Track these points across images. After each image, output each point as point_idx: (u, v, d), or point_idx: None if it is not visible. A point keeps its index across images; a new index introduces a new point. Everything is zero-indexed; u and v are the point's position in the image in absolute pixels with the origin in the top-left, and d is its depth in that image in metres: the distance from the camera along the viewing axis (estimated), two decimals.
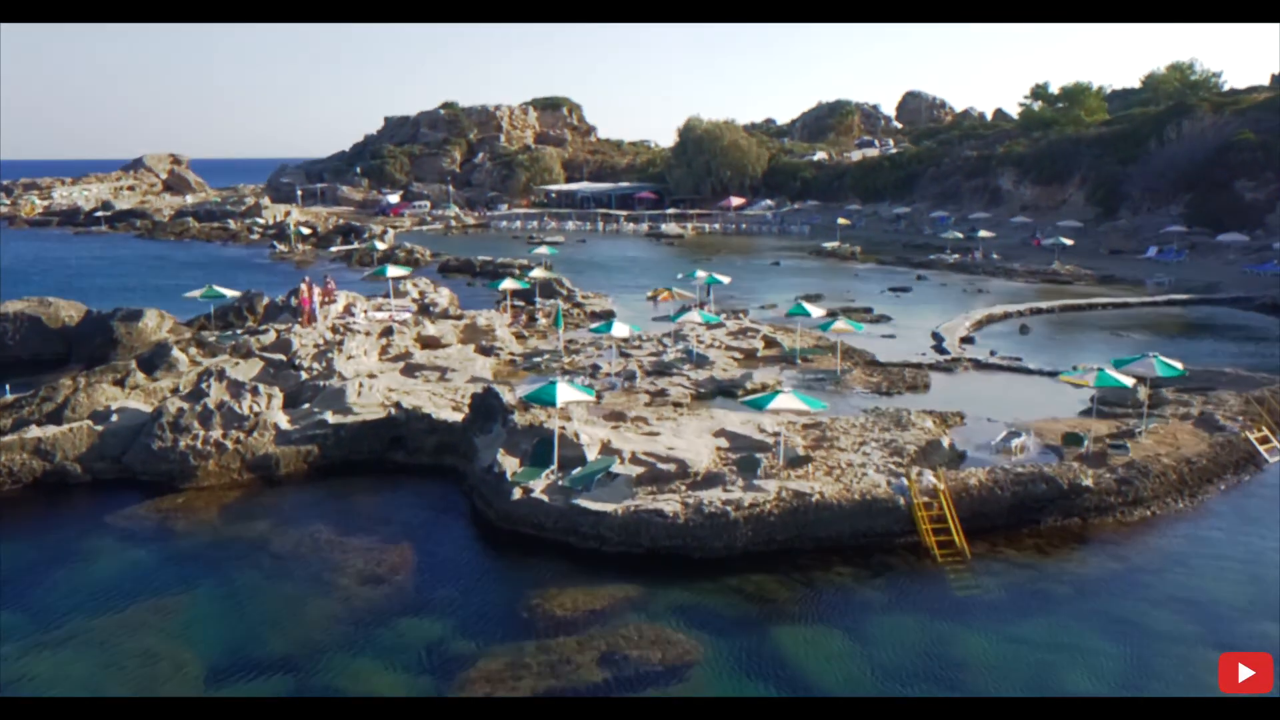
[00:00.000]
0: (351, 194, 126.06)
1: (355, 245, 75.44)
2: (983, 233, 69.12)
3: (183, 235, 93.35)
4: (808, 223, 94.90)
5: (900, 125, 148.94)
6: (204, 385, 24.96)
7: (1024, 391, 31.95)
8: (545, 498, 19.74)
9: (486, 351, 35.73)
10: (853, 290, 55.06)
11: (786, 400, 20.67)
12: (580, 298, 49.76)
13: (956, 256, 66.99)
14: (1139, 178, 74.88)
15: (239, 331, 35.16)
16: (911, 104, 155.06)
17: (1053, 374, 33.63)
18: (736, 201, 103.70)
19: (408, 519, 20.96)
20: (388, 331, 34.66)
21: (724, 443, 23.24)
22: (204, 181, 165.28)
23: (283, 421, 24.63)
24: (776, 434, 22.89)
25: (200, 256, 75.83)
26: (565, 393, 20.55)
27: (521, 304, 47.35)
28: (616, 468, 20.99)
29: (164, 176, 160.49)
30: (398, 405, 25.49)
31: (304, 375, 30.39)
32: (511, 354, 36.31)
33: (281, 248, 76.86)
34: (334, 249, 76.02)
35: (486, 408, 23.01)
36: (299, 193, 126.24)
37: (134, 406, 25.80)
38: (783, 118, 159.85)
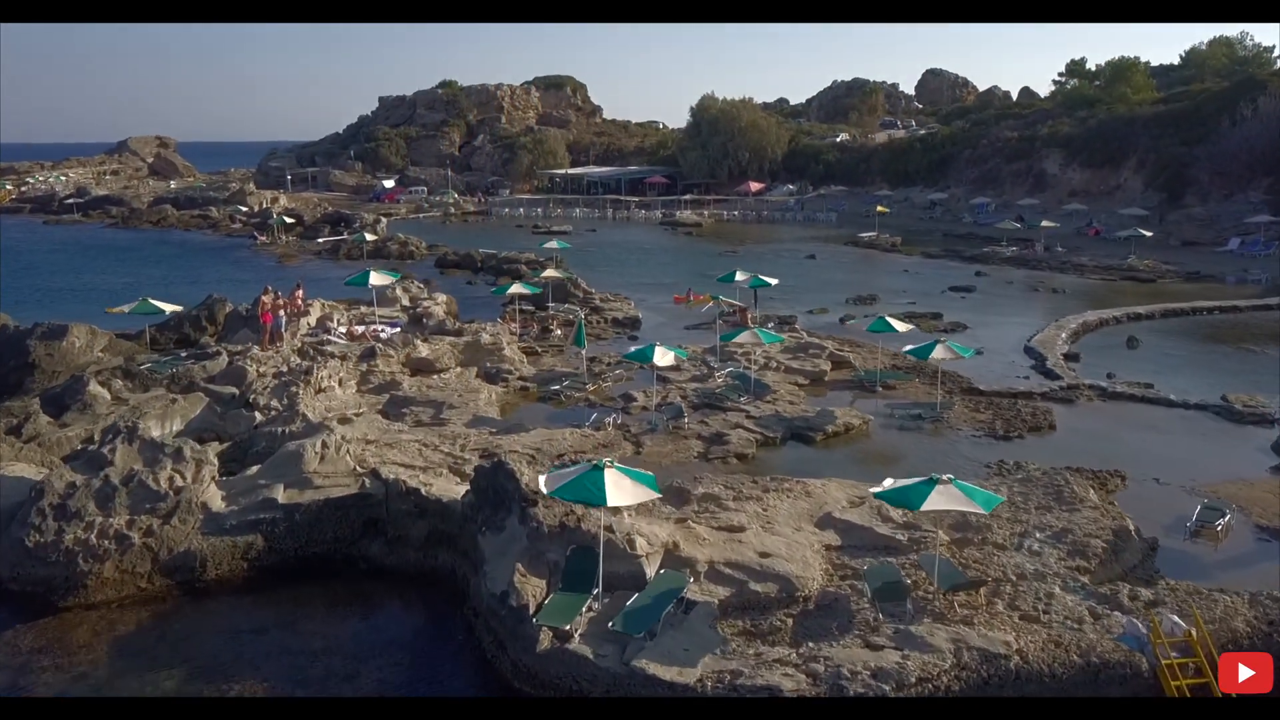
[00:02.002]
0: (344, 179, 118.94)
1: (344, 236, 68.43)
2: (1045, 222, 62.01)
3: (160, 224, 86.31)
4: (834, 209, 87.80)
5: (920, 105, 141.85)
6: (106, 449, 18.13)
7: (1177, 434, 25.12)
8: (589, 651, 12.94)
9: (492, 377, 28.88)
10: (908, 289, 48.16)
11: (948, 496, 13.72)
12: (599, 300, 42.88)
13: (1014, 249, 59.96)
14: (1207, 160, 67.71)
15: (183, 355, 28.25)
16: (933, 82, 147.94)
17: (1201, 407, 26.91)
18: (755, 186, 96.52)
19: (383, 672, 14.11)
20: (369, 354, 27.80)
21: (833, 537, 16.44)
22: (192, 165, 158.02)
23: (215, 501, 17.81)
24: (917, 534, 16.07)
25: (173, 249, 68.88)
26: (619, 490, 13.59)
27: (531, 309, 40.55)
28: (690, 590, 14.20)
29: (150, 160, 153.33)
30: (374, 474, 18.65)
31: (259, 416, 23.60)
32: (522, 378, 29.48)
33: (263, 239, 69.86)
34: (321, 240, 69.03)
35: (496, 492, 16.15)
36: (288, 178, 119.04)
37: (17, 474, 18.97)
38: (795, 97, 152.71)
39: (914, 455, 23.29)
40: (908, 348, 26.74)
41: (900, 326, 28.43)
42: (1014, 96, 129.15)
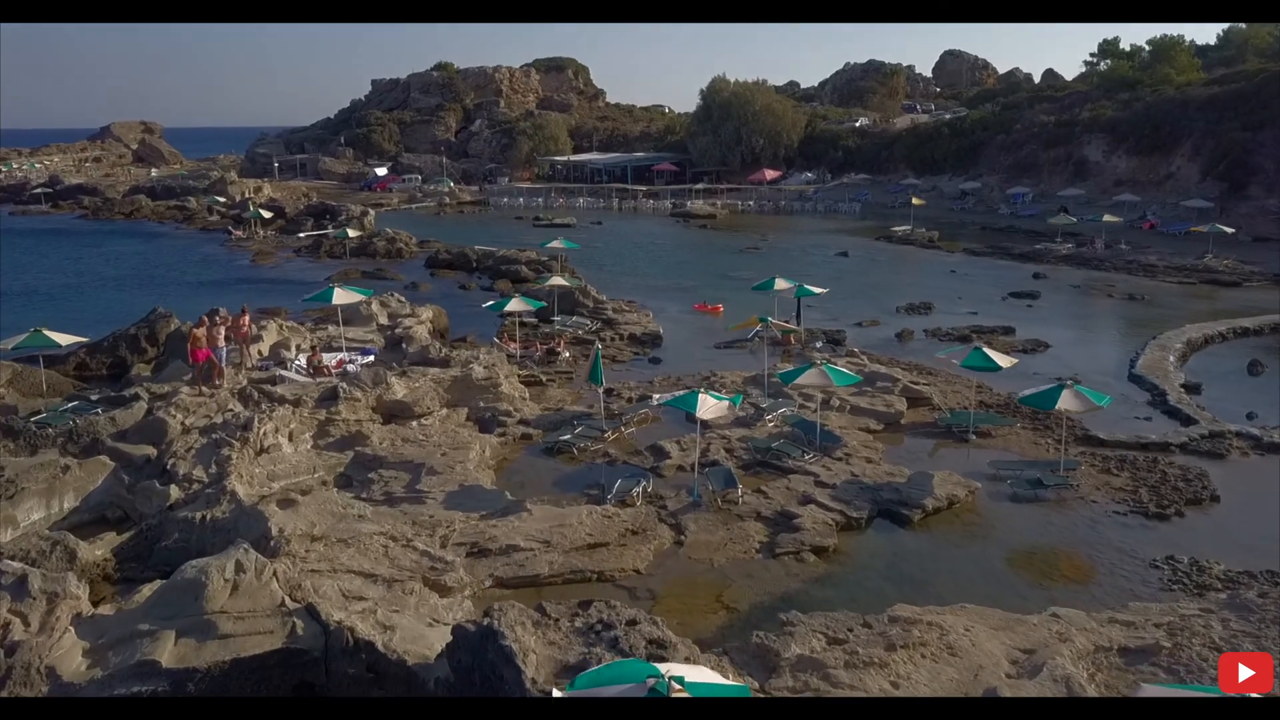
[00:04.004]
0: (334, 167, 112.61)
1: (328, 230, 62.33)
2: (1106, 216, 55.88)
3: (133, 215, 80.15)
4: (857, 199, 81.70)
5: (939, 88, 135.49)
6: None
7: None
8: None
9: (486, 423, 23.03)
10: (963, 295, 42.22)
11: None
12: (611, 311, 36.96)
13: (1070, 247, 53.98)
14: (1273, 146, 61.62)
15: (93, 399, 22.32)
16: (951, 64, 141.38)
17: None
18: (771, 174, 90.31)
19: None
20: (330, 397, 21.90)
21: None
22: (178, 152, 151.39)
23: (69, 661, 11.99)
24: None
25: (139, 243, 62.69)
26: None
27: (535, 321, 34.74)
28: None
29: (134, 147, 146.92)
30: (309, 612, 12.79)
31: (175, 492, 17.81)
32: (524, 421, 23.61)
33: (238, 233, 63.82)
34: (302, 234, 62.96)
35: (485, 677, 10.31)
36: (275, 165, 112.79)
37: None
38: (806, 80, 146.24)
39: (1045, 543, 17.55)
40: (1025, 393, 20.73)
41: (1002, 361, 22.43)
42: (1036, 79, 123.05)
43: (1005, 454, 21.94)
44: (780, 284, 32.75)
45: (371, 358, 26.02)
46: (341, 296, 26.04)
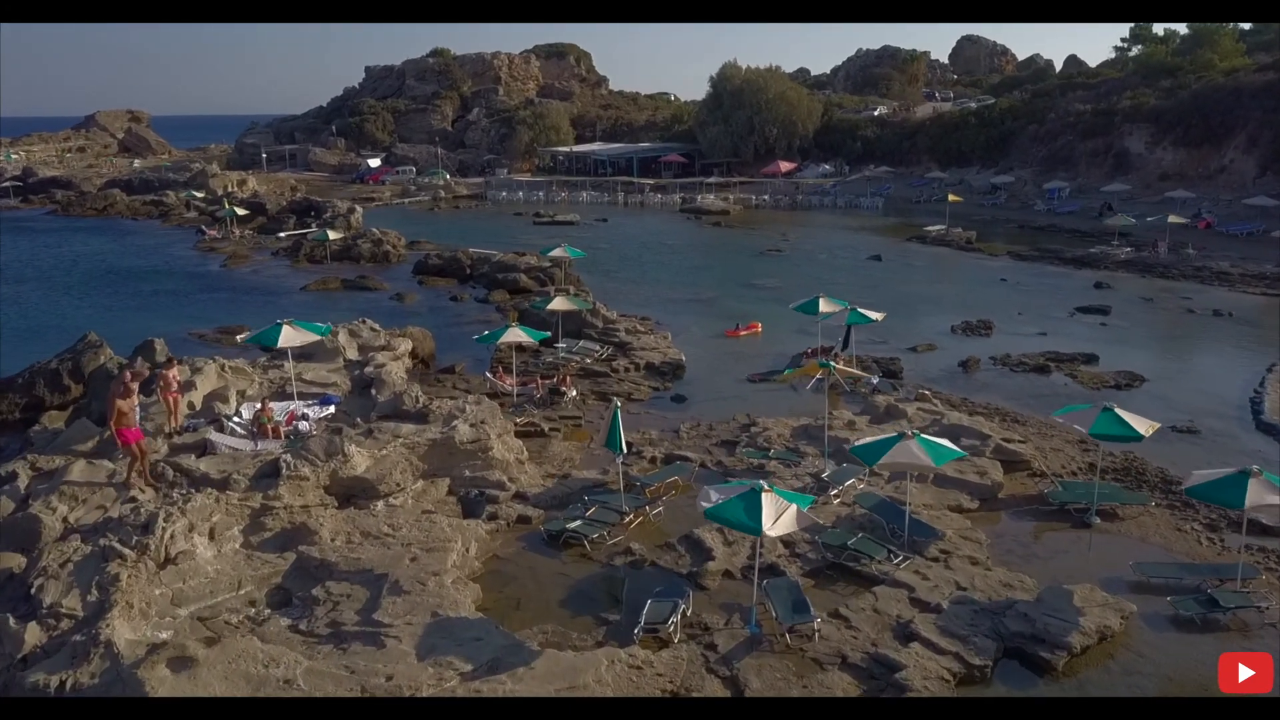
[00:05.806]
0: (325, 158, 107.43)
1: (312, 229, 57.21)
2: (1172, 217, 50.45)
3: (105, 211, 75.01)
4: (879, 194, 76.39)
5: (956, 75, 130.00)
6: None
7: None
8: None
9: (472, 505, 17.98)
10: (1022, 309, 37.04)
11: None
12: (624, 333, 31.84)
13: (1129, 250, 48.74)
14: None
15: None
16: (968, 50, 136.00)
17: None
18: (786, 166, 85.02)
19: None
20: (271, 473, 16.79)
21: None
22: (166, 142, 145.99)
23: None
24: None
25: (102, 243, 57.46)
26: None
27: (536, 347, 29.64)
28: None
29: (120, 137, 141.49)
30: None
31: (35, 635, 12.82)
32: (521, 497, 18.57)
33: (212, 233, 58.64)
34: (282, 234, 57.80)
35: None
36: (264, 156, 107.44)
37: None
38: (817, 67, 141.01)
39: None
40: (1192, 483, 15.42)
41: (1143, 427, 17.22)
42: (1058, 65, 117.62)
43: (1146, 547, 16.90)
44: (825, 306, 27.64)
45: (332, 408, 20.91)
46: (291, 336, 20.79)
